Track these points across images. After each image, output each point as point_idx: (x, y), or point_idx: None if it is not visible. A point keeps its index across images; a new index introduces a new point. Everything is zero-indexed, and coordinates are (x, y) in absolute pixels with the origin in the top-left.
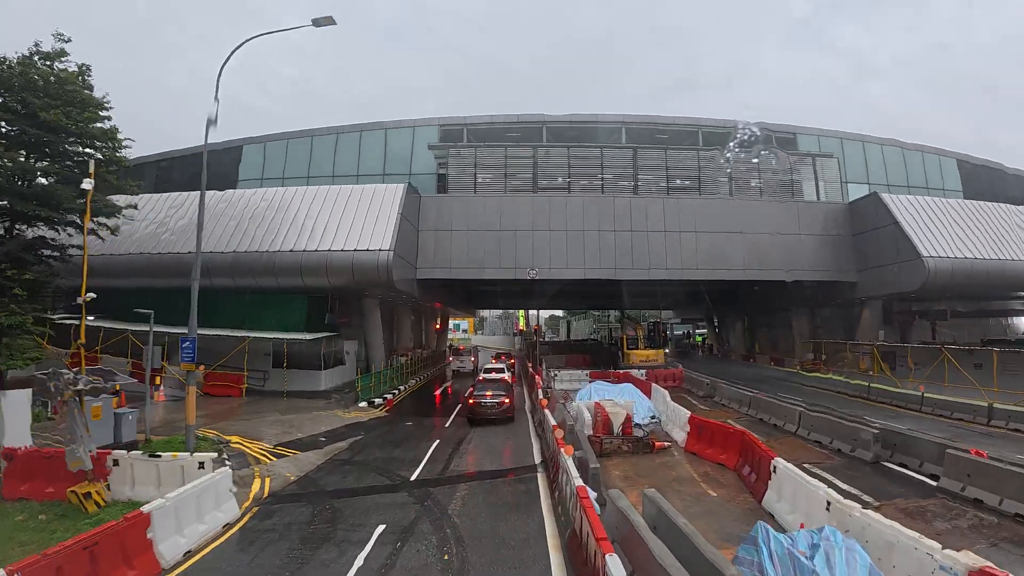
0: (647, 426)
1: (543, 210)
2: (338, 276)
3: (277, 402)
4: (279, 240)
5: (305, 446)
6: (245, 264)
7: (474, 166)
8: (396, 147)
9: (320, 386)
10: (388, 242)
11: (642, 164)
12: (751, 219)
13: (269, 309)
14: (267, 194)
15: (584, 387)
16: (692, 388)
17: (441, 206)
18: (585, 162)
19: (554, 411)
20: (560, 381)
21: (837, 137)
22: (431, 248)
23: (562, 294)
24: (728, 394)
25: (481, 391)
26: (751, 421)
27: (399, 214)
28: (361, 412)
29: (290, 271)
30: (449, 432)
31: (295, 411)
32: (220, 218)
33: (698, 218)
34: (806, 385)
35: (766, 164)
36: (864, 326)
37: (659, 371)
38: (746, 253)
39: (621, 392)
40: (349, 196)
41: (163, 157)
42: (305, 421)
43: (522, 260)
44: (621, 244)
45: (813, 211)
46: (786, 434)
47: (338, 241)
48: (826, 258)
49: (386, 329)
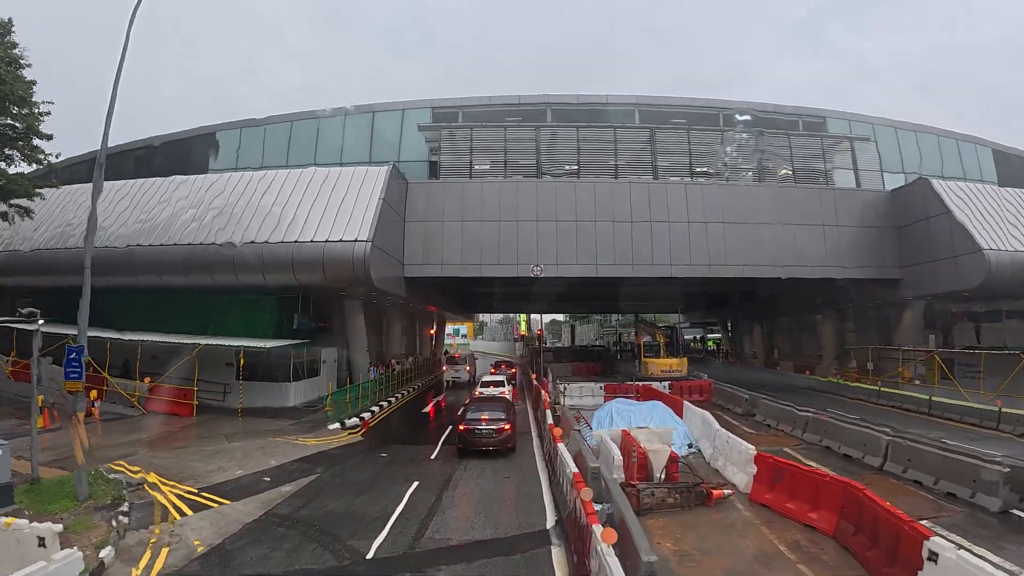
0: (685, 459)
1: (549, 198)
2: (306, 272)
3: (231, 423)
4: (240, 231)
5: (240, 491)
6: (200, 259)
7: (470, 150)
8: (384, 132)
9: (289, 401)
10: (366, 232)
11: (661, 148)
12: (784, 208)
13: (234, 312)
14: (230, 179)
15: (602, 406)
16: (725, 404)
17: (432, 194)
18: (596, 145)
19: (567, 434)
20: (569, 395)
21: (868, 123)
22: (420, 242)
23: (566, 296)
24: (773, 412)
25: (475, 413)
26: (812, 449)
27: (380, 199)
28: (329, 437)
29: (251, 266)
30: (434, 468)
31: (247, 436)
32: (172, 206)
33: (726, 207)
34: (852, 398)
35: (797, 149)
36: (905, 329)
37: (683, 383)
38: (778, 247)
39: (650, 414)
40: (324, 181)
41: (142, 145)
42: (254, 451)
43: (525, 255)
44: (639, 236)
45: (851, 200)
46: (868, 469)
47: (307, 231)
48: (866, 252)
49: (373, 334)
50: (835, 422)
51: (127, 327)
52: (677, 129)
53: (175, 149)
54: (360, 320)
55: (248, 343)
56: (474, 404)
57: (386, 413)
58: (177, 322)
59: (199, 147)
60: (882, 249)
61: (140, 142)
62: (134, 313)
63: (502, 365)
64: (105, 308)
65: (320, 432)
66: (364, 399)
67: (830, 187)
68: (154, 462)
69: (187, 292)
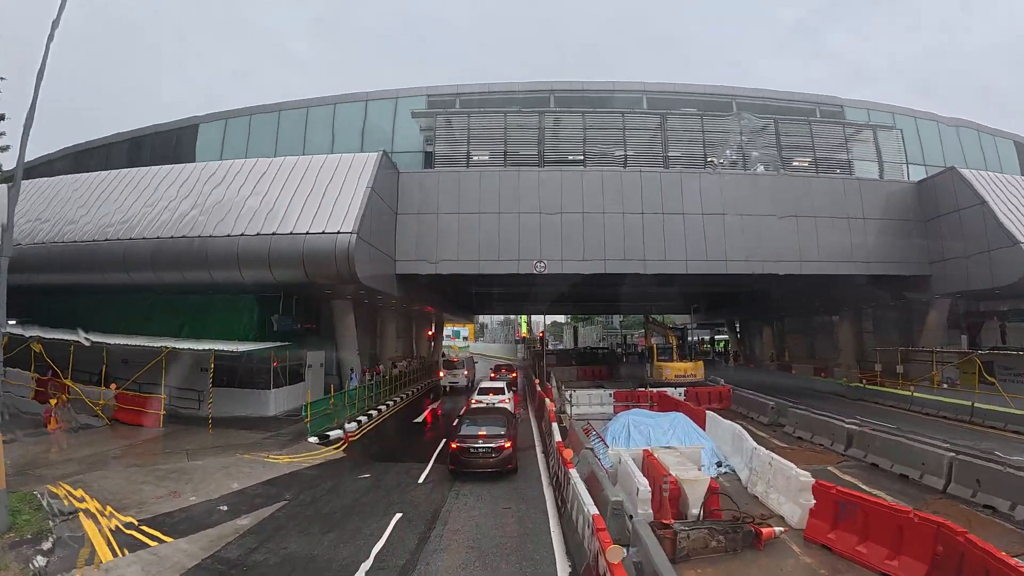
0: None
1: (553, 188)
2: (284, 267)
3: (199, 435)
4: (213, 223)
5: (188, 524)
6: (169, 254)
7: (467, 138)
8: (376, 121)
9: (269, 410)
10: (351, 223)
11: (672, 135)
12: (806, 200)
13: (211, 313)
14: (205, 169)
15: (616, 418)
16: (747, 412)
17: (426, 184)
18: (603, 133)
19: (577, 451)
20: (576, 403)
21: (889, 112)
22: (413, 237)
23: (568, 296)
24: (807, 423)
25: (471, 428)
26: (858, 468)
27: (368, 188)
28: (305, 453)
29: (225, 262)
30: (422, 494)
31: (213, 451)
32: (142, 198)
33: (744, 198)
34: (881, 404)
35: (817, 138)
36: (930, 330)
37: (699, 389)
38: (801, 241)
39: (672, 428)
40: (307, 169)
41: (127, 139)
42: (216, 471)
43: (527, 250)
44: (651, 230)
45: (876, 191)
46: (928, 492)
47: (286, 223)
48: (893, 247)
49: (367, 337)
50: (884, 435)
51: (102, 329)
52: (689, 115)
53: (158, 142)
54: (350, 321)
55: (219, 346)
56: (469, 416)
57: (375, 423)
58: (151, 324)
59: (183, 140)
60: (910, 244)
61: (126, 134)
62: (109, 315)
63: (502, 369)
64: (80, 309)
65: (296, 447)
66: (351, 408)
67: (854, 177)
68: (101, 483)
69: (160, 291)
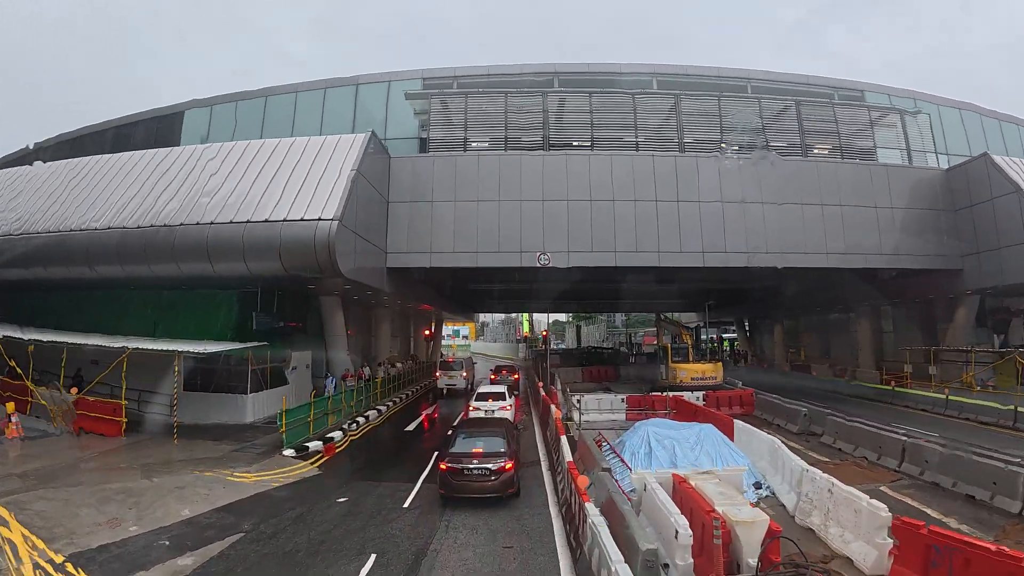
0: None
1: (558, 174)
2: (259, 259)
3: (162, 447)
4: (184, 211)
5: (119, 565)
6: (135, 244)
7: (464, 121)
8: (368, 106)
9: (246, 416)
10: (333, 209)
11: (687, 118)
12: (832, 187)
13: (188, 311)
14: (180, 154)
15: (633, 430)
16: (772, 419)
17: (419, 170)
18: (612, 116)
19: (590, 467)
20: (585, 409)
21: (910, 97)
22: (404, 226)
23: (570, 294)
24: (848, 432)
25: (465, 444)
26: (916, 487)
27: (353, 171)
28: (276, 470)
29: (194, 253)
30: (405, 525)
31: (172, 467)
32: (111, 184)
33: (765, 184)
34: (911, 407)
35: (841, 123)
36: (958, 327)
37: (719, 393)
38: (828, 231)
39: (699, 443)
40: (287, 152)
41: (120, 124)
42: (169, 493)
43: (530, 241)
44: (665, 219)
45: (904, 179)
46: (1002, 516)
47: (262, 210)
48: (922, 239)
49: (360, 336)
50: (944, 449)
51: (77, 327)
52: (705, 96)
53: (144, 131)
54: (339, 320)
55: (184, 346)
56: (464, 429)
57: (362, 432)
58: (124, 322)
59: (169, 127)
60: (940, 235)
61: (112, 122)
62: (84, 312)
63: (503, 371)
64: (56, 307)
65: (268, 462)
66: (336, 414)
67: (881, 164)
68: (36, 506)
69: (134, 287)
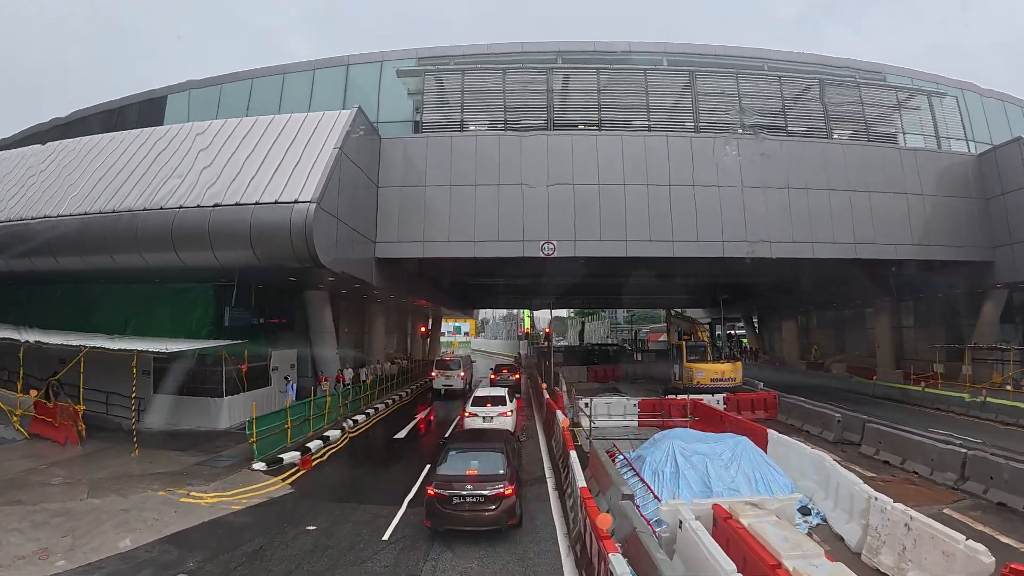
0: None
1: (563, 155)
2: (228, 247)
3: (122, 457)
4: (149, 195)
5: None
6: (96, 232)
7: (461, 100)
8: (360, 87)
9: (220, 422)
10: (311, 190)
11: (703, 100)
12: (860, 172)
13: (161, 306)
14: (142, 136)
15: (653, 442)
16: (800, 424)
17: (412, 152)
18: (621, 95)
19: (605, 488)
20: (594, 414)
21: (932, 81)
22: (395, 213)
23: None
24: (892, 442)
25: (457, 463)
26: (978, 505)
27: (336, 148)
28: (240, 488)
29: (157, 241)
30: (383, 565)
31: (123, 483)
32: (77, 169)
33: (789, 169)
34: (943, 410)
35: (869, 103)
36: (984, 323)
37: (739, 396)
38: (856, 220)
39: (734, 458)
40: (264, 131)
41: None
42: (111, 517)
43: (533, 229)
44: (680, 205)
45: (934, 165)
46: None
47: (233, 192)
48: (953, 229)
49: (351, 334)
50: (1014, 464)
51: (48, 324)
52: (723, 74)
53: (125, 116)
54: (326, 316)
55: (142, 345)
56: (456, 445)
57: (346, 439)
58: (95, 318)
59: (151, 112)
60: (971, 225)
61: (93, 108)
62: (55, 308)
63: (503, 370)
64: (25, 301)
65: (233, 478)
66: (318, 420)
67: (910, 148)
68: None
69: (105, 281)
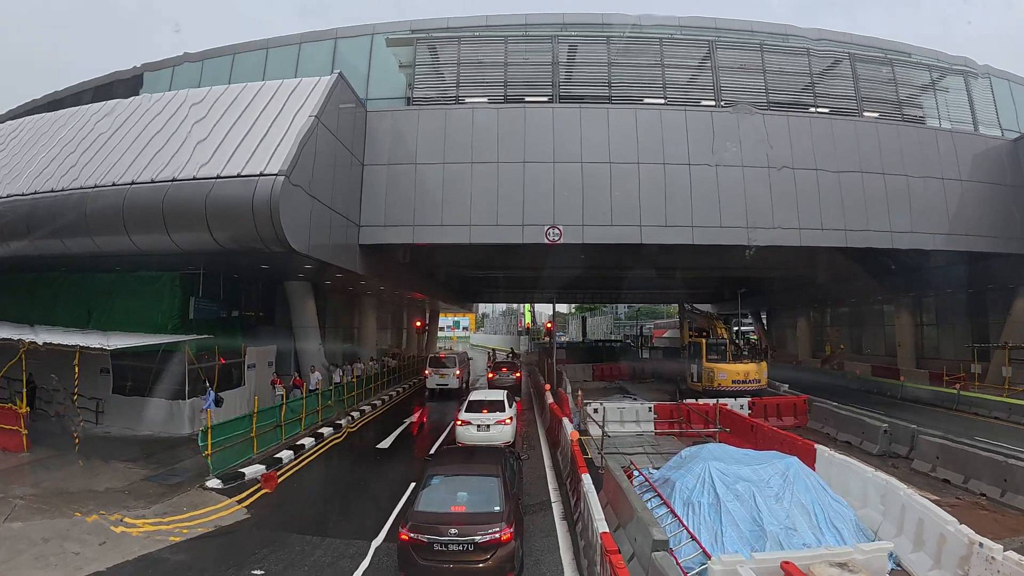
0: None
1: (570, 130)
2: (184, 228)
3: (65, 468)
4: (101, 171)
5: None
6: (45, 213)
7: (457, 72)
8: (349, 62)
9: (184, 427)
10: (280, 162)
11: (724, 74)
12: (893, 154)
13: (124, 297)
14: (103, 110)
15: (685, 463)
16: (836, 433)
17: (401, 126)
18: (635, 66)
19: (625, 520)
20: (605, 421)
21: (961, 63)
22: (382, 194)
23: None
24: (952, 456)
25: (440, 493)
26: None
27: (312, 116)
28: (185, 513)
29: (108, 223)
30: None
31: (56, 503)
32: (35, 146)
33: (818, 148)
34: (981, 415)
35: (901, 81)
36: (1016, 321)
37: (765, 400)
38: (892, 206)
39: (786, 485)
40: (233, 100)
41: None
42: (27, 547)
43: (536, 212)
44: (701, 187)
45: (970, 148)
46: None
47: (192, 165)
48: (992, 217)
49: (340, 328)
50: None
51: (8, 317)
52: (744, 46)
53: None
54: (309, 309)
55: (85, 340)
56: (440, 470)
57: (323, 448)
58: (56, 311)
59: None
60: (1007, 215)
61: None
62: (16, 299)
63: (503, 368)
64: None
65: (180, 499)
66: (294, 425)
67: (946, 129)
68: None
69: (64, 269)
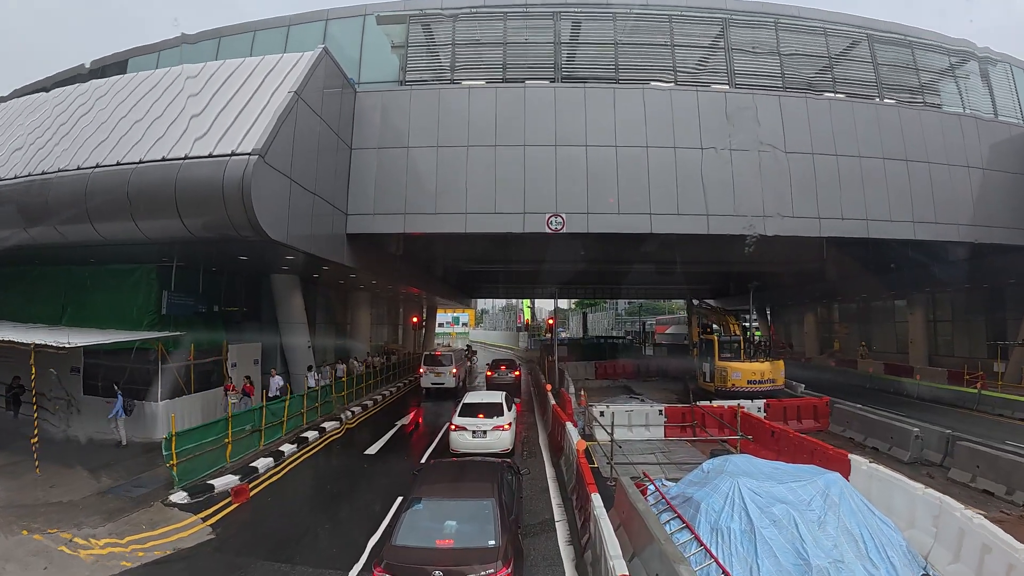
0: None
1: (573, 111)
2: (151, 214)
3: (23, 477)
4: (67, 155)
5: None
6: (7, 201)
7: (452, 53)
8: (340, 46)
9: (156, 432)
10: (254, 140)
11: (737, 55)
12: (916, 139)
13: (98, 291)
14: (76, 91)
15: (711, 481)
16: (864, 439)
17: (392, 106)
18: (642, 45)
19: (640, 544)
20: (612, 419)
21: (984, 51)
22: (371, 179)
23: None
24: (995, 466)
25: (422, 522)
26: None
27: (291, 93)
28: (143, 533)
29: (70, 210)
30: None
31: (6, 517)
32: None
33: (838, 132)
34: (1010, 417)
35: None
36: None
37: (784, 401)
38: (914, 195)
39: (827, 508)
40: (208, 79)
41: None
42: None
43: (537, 199)
44: (713, 173)
45: (993, 135)
46: None
47: (160, 147)
48: (1012, 208)
49: (331, 324)
50: None
51: None
52: (759, 25)
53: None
54: (296, 304)
55: (43, 337)
56: (425, 490)
57: (304, 455)
58: (33, 306)
59: None
60: None
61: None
62: None
63: (502, 366)
64: None
65: (138, 515)
66: (275, 429)
67: (970, 115)
68: None
69: (38, 262)
